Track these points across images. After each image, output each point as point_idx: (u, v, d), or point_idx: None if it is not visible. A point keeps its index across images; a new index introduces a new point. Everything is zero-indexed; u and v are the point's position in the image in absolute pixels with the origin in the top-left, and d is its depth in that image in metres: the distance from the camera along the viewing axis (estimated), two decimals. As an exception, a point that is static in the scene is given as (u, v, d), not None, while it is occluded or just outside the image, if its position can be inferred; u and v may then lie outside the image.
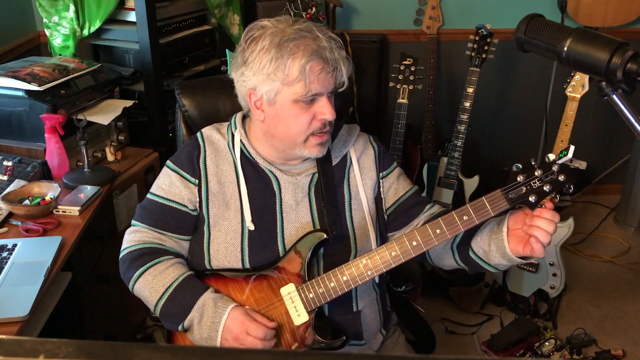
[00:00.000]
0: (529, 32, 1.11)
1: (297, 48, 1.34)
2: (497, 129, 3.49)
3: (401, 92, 2.59)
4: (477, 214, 1.33)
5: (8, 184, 1.91)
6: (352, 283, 1.38)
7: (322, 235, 1.43)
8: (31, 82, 2.05)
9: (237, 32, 2.89)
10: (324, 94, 1.38)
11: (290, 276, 1.42)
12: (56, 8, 2.50)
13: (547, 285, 2.58)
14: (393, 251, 1.37)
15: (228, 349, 1.00)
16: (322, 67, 1.35)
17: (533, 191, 1.31)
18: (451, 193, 2.72)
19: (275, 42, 1.35)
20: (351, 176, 1.54)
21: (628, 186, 3.34)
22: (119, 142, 2.39)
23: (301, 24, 1.39)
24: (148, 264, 1.44)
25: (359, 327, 1.53)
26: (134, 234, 1.50)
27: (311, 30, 1.38)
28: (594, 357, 2.44)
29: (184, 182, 1.49)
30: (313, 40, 1.35)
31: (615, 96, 1.05)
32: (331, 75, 1.37)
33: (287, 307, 1.41)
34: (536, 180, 1.31)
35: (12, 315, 1.40)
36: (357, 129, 1.60)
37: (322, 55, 1.35)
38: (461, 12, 3.21)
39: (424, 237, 1.36)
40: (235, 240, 1.46)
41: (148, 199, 1.52)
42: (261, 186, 1.48)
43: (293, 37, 1.34)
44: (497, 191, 1.33)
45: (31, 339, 0.46)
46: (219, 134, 1.54)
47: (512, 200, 1.32)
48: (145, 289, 1.43)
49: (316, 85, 1.36)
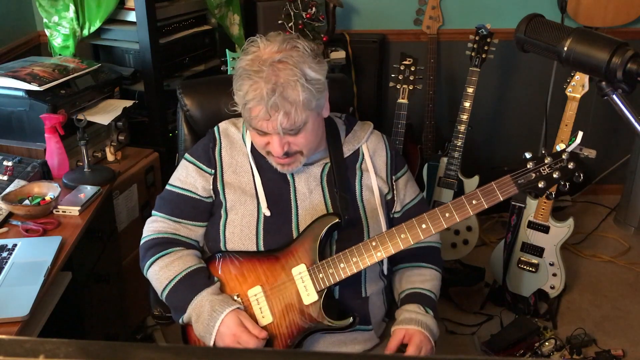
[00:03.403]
0: (529, 32, 1.11)
1: (247, 87, 1.36)
2: (497, 129, 3.49)
3: (401, 92, 2.59)
4: (486, 199, 1.37)
5: (8, 184, 1.91)
6: (361, 264, 1.42)
7: (334, 218, 1.46)
8: (31, 82, 2.05)
9: (237, 32, 2.89)
10: (271, 133, 1.41)
11: (302, 258, 1.46)
12: (56, 8, 2.50)
13: (547, 285, 2.58)
14: (402, 234, 1.41)
15: (228, 349, 1.00)
16: (262, 112, 1.36)
17: (542, 177, 1.34)
18: (451, 193, 2.72)
19: (239, 71, 1.40)
20: (363, 169, 1.57)
21: (628, 186, 3.34)
22: (119, 142, 2.39)
23: (283, 54, 1.36)
24: (158, 255, 1.52)
25: (367, 312, 1.55)
26: (152, 223, 1.58)
27: (278, 67, 1.35)
28: (594, 357, 2.44)
29: (200, 172, 1.56)
30: (266, 82, 1.34)
31: (615, 96, 1.05)
32: (276, 121, 1.36)
33: (298, 287, 1.44)
34: (546, 167, 1.33)
35: (12, 315, 1.40)
36: (371, 126, 1.64)
37: (267, 102, 1.33)
38: (461, 12, 3.20)
39: (433, 220, 1.39)
40: (251, 223, 1.50)
41: (166, 189, 1.60)
42: (275, 176, 1.53)
43: (247, 73, 1.36)
44: (506, 176, 1.36)
45: (31, 339, 0.46)
46: (234, 127, 1.61)
47: (521, 186, 1.35)
48: (153, 278, 1.52)
49: (260, 124, 1.39)
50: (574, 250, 3.14)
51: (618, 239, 3.28)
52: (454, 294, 2.76)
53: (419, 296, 1.56)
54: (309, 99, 1.37)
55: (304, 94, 1.35)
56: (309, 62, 1.38)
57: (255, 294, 1.46)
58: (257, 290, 1.46)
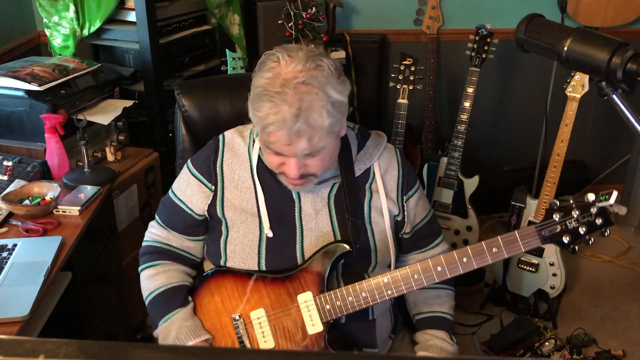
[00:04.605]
0: (529, 32, 1.11)
1: (268, 109, 1.27)
2: (497, 129, 3.49)
3: (401, 92, 2.59)
4: (507, 248, 1.31)
5: (8, 184, 1.91)
6: (370, 300, 1.38)
7: (346, 247, 1.40)
8: (31, 82, 2.05)
9: (237, 32, 2.89)
10: (289, 156, 1.33)
11: (308, 284, 1.41)
12: (56, 8, 2.50)
13: (547, 285, 2.58)
14: (416, 274, 1.36)
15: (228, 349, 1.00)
16: (284, 138, 1.28)
17: (568, 231, 1.28)
18: (451, 193, 2.73)
19: (259, 90, 1.30)
20: (374, 189, 1.50)
21: (628, 186, 3.34)
22: (119, 142, 2.39)
23: (307, 76, 1.27)
24: (147, 264, 1.54)
25: (373, 335, 1.52)
26: (151, 228, 1.60)
27: (299, 94, 1.25)
28: (594, 357, 2.44)
29: (200, 186, 1.50)
30: (288, 107, 1.25)
31: (615, 96, 1.05)
32: (297, 145, 1.29)
33: (303, 315, 1.40)
34: (572, 220, 1.27)
35: (12, 315, 1.40)
36: (384, 141, 1.55)
37: (291, 127, 1.25)
38: (461, 12, 3.20)
39: (449, 263, 1.34)
40: (253, 242, 1.45)
41: (167, 195, 1.58)
42: (280, 194, 1.46)
43: (268, 95, 1.26)
44: (530, 227, 1.30)
45: (31, 339, 0.46)
46: (240, 137, 1.51)
47: (545, 239, 1.29)
48: (142, 285, 1.55)
49: (279, 147, 1.31)
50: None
51: (618, 239, 3.28)
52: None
53: (442, 321, 1.55)
54: (332, 123, 1.29)
55: (329, 120, 1.27)
56: (334, 83, 1.29)
57: (258, 317, 1.42)
58: (260, 314, 1.42)
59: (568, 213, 1.27)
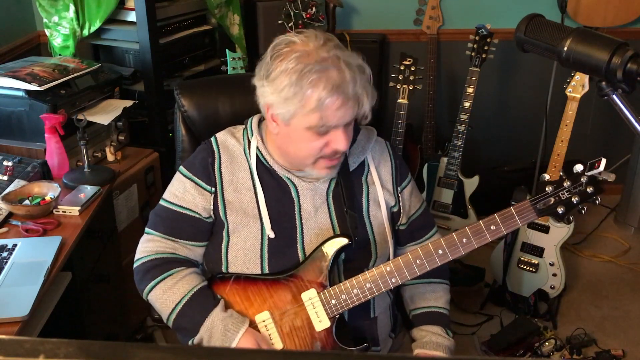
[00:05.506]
0: (529, 32, 1.11)
1: (319, 80, 1.26)
2: (497, 129, 3.49)
3: (401, 92, 2.59)
4: (505, 224, 1.33)
5: (8, 184, 1.91)
6: (375, 290, 1.38)
7: (345, 240, 1.40)
8: (31, 82, 2.05)
9: (237, 32, 2.89)
10: (339, 126, 1.33)
11: (311, 281, 1.40)
12: (56, 8, 2.50)
13: (547, 285, 2.58)
14: (418, 259, 1.36)
15: (228, 349, 1.00)
16: (341, 102, 1.28)
17: (561, 202, 1.31)
18: (451, 193, 2.73)
19: (298, 69, 1.28)
20: (369, 182, 1.51)
21: (628, 186, 3.34)
22: (119, 142, 2.39)
23: (329, 46, 1.31)
24: (159, 277, 1.43)
25: (375, 333, 1.53)
26: (148, 243, 1.48)
27: (338, 59, 1.29)
28: (594, 357, 2.44)
29: (199, 189, 1.45)
30: (337, 72, 1.28)
31: (615, 96, 1.05)
32: (351, 109, 1.31)
33: (309, 312, 1.39)
34: (564, 191, 1.30)
35: (12, 315, 1.40)
36: (374, 134, 1.56)
37: (344, 90, 1.28)
38: (461, 12, 3.20)
39: (450, 245, 1.35)
40: (255, 246, 1.44)
41: (161, 205, 1.49)
42: (279, 194, 1.45)
43: (317, 68, 1.27)
44: (525, 202, 1.33)
45: (31, 339, 0.46)
46: (233, 138, 1.50)
47: (540, 211, 1.32)
48: (157, 303, 1.44)
49: (332, 119, 1.31)
50: (574, 250, 3.14)
51: (618, 239, 3.28)
52: (454, 294, 2.74)
53: (438, 316, 1.55)
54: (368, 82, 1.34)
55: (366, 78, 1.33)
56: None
57: (263, 319, 1.41)
58: (265, 316, 1.41)
59: (560, 185, 1.31)
